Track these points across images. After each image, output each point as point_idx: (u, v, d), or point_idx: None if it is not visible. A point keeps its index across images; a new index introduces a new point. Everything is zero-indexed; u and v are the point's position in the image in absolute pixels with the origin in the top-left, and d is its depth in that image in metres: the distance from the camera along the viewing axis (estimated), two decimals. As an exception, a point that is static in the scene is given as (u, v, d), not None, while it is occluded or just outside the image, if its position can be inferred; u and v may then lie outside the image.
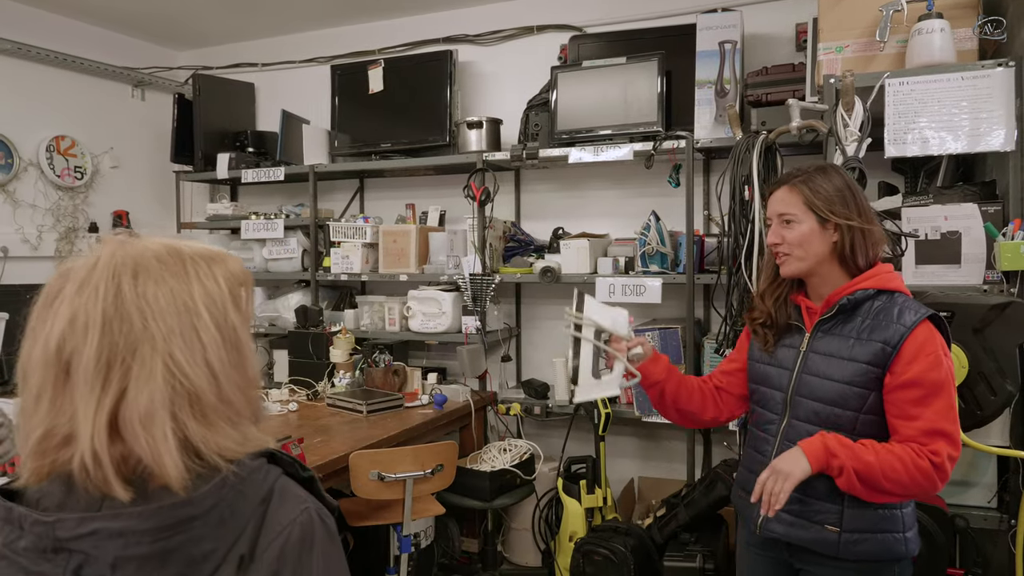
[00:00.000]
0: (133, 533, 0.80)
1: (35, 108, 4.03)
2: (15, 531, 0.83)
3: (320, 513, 0.90)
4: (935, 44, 2.06)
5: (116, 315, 0.82)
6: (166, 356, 0.83)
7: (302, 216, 4.12)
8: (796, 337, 1.73)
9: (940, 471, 1.50)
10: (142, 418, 0.81)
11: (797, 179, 1.68)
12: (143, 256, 0.86)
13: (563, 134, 3.39)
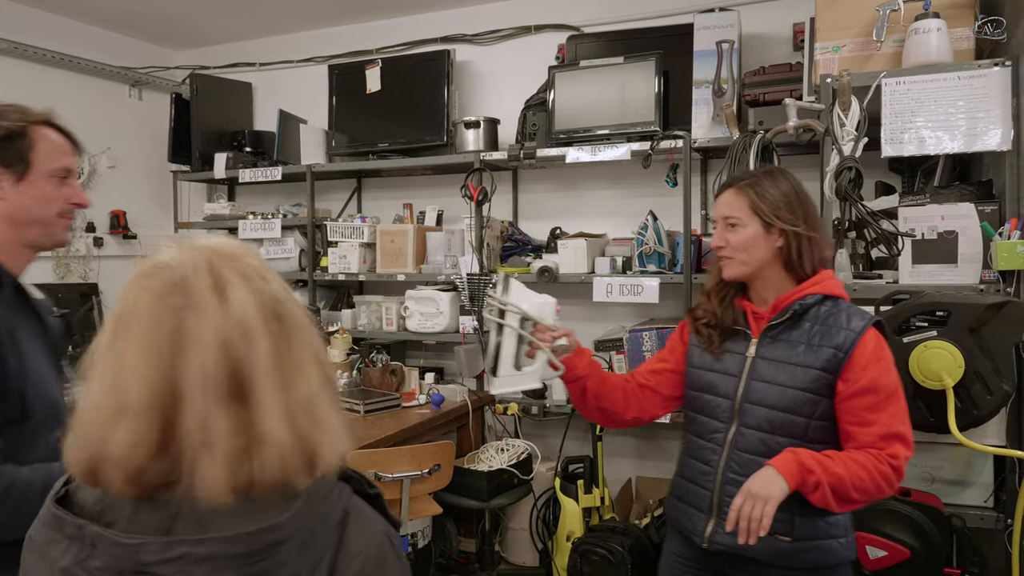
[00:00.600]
0: (220, 558, 0.77)
1: (32, 108, 4.02)
2: (85, 549, 0.79)
3: (390, 534, 0.89)
4: (932, 44, 2.06)
5: (272, 314, 0.83)
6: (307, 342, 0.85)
7: (299, 216, 4.12)
8: (741, 343, 1.70)
9: (899, 473, 1.53)
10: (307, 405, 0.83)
11: (744, 182, 1.67)
12: (245, 254, 0.87)
13: (561, 134, 3.39)
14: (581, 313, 3.75)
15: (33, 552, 0.85)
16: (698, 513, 1.69)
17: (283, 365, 0.82)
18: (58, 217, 1.49)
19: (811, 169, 3.11)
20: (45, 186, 1.44)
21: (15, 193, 1.41)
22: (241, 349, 0.80)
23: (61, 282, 4.10)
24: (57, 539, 0.81)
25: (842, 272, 2.08)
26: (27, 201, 1.43)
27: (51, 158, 1.45)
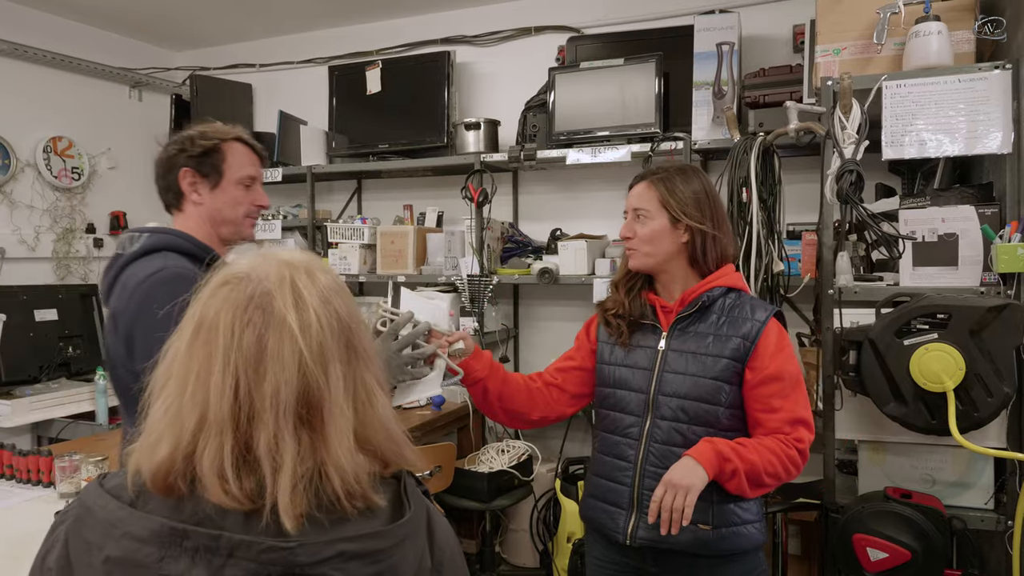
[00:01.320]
0: (370, 553, 0.80)
1: (32, 109, 4.02)
2: (218, 559, 0.78)
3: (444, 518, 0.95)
4: (932, 47, 2.06)
5: (343, 339, 0.85)
6: (369, 361, 0.87)
7: (300, 217, 4.12)
8: (651, 337, 1.73)
9: (804, 456, 1.59)
10: (383, 423, 0.86)
11: (656, 176, 1.71)
12: (324, 271, 0.88)
13: (561, 135, 3.39)
14: (581, 314, 3.75)
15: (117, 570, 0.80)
16: (618, 511, 1.70)
17: (351, 385, 0.84)
18: (245, 217, 1.75)
19: (812, 171, 3.13)
20: (234, 191, 1.71)
21: (211, 198, 1.70)
22: (317, 374, 0.81)
23: (61, 283, 4.10)
24: (174, 555, 0.78)
25: (843, 275, 2.08)
26: (220, 204, 1.70)
27: (239, 169, 1.72)
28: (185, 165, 1.68)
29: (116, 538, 0.81)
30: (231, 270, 0.87)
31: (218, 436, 0.79)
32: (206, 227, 1.70)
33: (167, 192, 1.72)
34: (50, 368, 3.79)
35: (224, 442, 0.79)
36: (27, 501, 2.11)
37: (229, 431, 0.79)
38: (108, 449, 2.57)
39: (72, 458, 2.13)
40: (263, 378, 0.80)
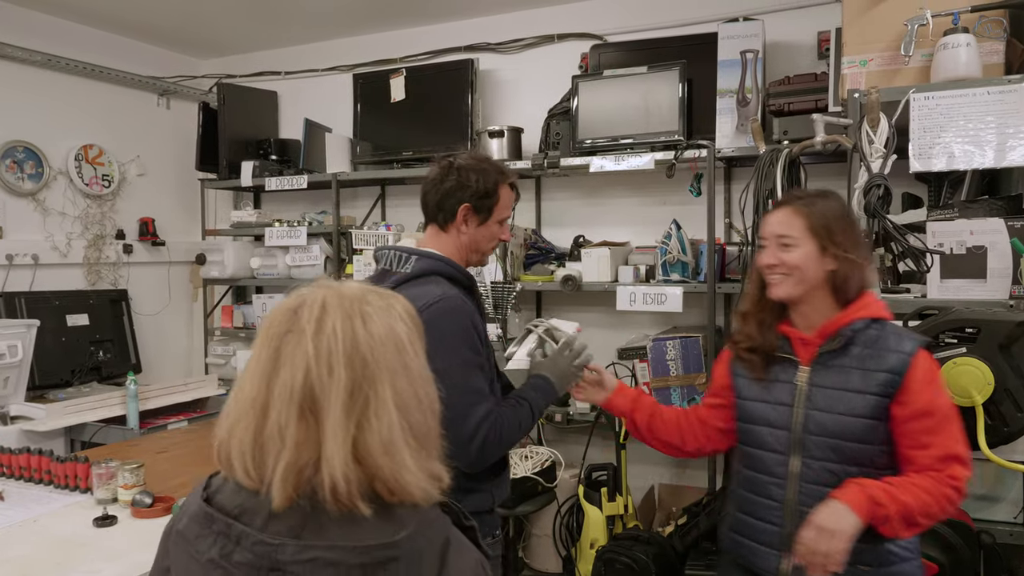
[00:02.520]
0: (344, 565, 0.88)
1: (64, 118, 4.10)
2: (230, 545, 0.92)
3: (484, 564, 0.98)
4: (961, 58, 2.06)
5: (355, 352, 0.92)
6: (393, 388, 0.93)
7: (325, 223, 4.16)
8: (789, 371, 1.67)
9: (960, 494, 1.53)
10: (385, 445, 0.91)
11: (800, 202, 1.65)
12: (363, 299, 0.97)
13: (584, 143, 3.40)
14: (604, 321, 3.77)
15: (180, 544, 0.97)
16: (770, 551, 1.66)
17: (357, 401, 0.91)
18: (490, 250, 1.98)
19: (838, 178, 3.11)
20: (494, 228, 1.93)
21: (475, 231, 1.90)
22: (319, 375, 0.91)
23: (92, 288, 4.18)
24: (205, 534, 0.94)
25: (870, 288, 2.08)
26: (480, 237, 1.92)
27: (503, 211, 1.94)
28: (467, 201, 1.87)
29: (185, 515, 0.99)
30: (300, 291, 1.00)
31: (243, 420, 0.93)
32: (462, 252, 1.91)
33: (439, 212, 1.90)
34: (82, 372, 3.87)
35: (248, 426, 0.93)
36: (66, 507, 2.16)
37: (252, 417, 0.93)
38: (141, 454, 2.63)
39: (108, 465, 2.17)
40: (278, 373, 0.93)
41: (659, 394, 3.22)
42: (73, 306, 3.97)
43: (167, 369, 4.61)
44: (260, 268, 4.29)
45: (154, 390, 3.59)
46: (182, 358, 4.79)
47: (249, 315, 4.45)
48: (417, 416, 0.95)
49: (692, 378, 3.18)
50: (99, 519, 2.02)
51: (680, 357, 3.19)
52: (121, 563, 1.78)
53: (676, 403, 3.20)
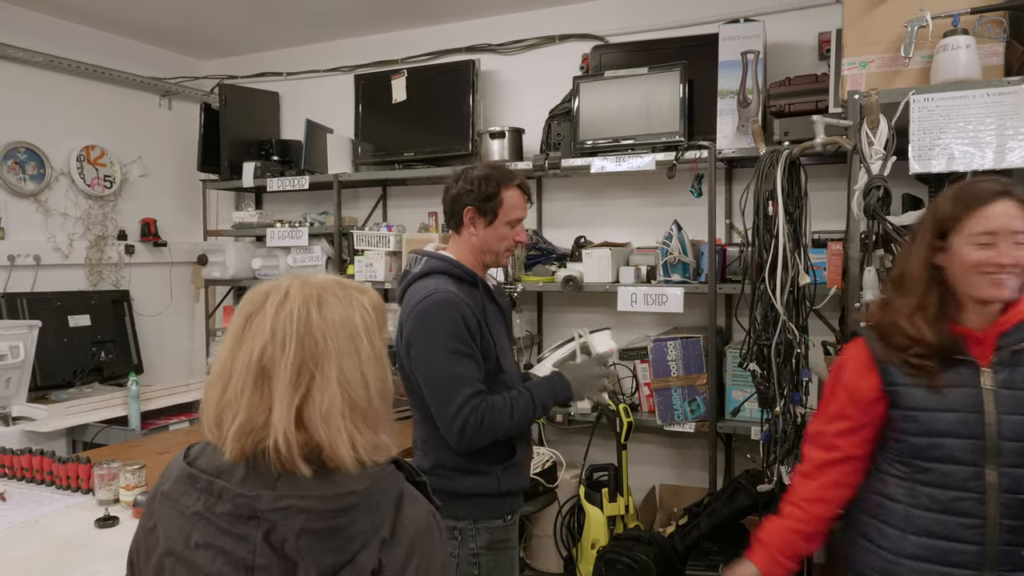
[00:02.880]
0: (315, 512, 1.03)
1: (65, 119, 4.11)
2: (212, 499, 1.06)
3: (435, 513, 1.15)
4: (961, 60, 2.06)
5: (307, 334, 1.07)
6: (339, 368, 1.07)
7: (326, 224, 4.17)
8: (967, 373, 1.53)
9: None
10: (323, 415, 1.05)
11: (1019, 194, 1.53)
12: (323, 288, 1.11)
13: (585, 143, 3.41)
14: (605, 321, 3.74)
15: (165, 503, 1.12)
16: (966, 572, 1.53)
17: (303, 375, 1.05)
18: (505, 251, 2.10)
19: (838, 178, 3.12)
20: (503, 229, 2.06)
21: (484, 232, 2.05)
22: (273, 351, 1.06)
23: (94, 289, 4.20)
24: (189, 491, 1.09)
25: (869, 290, 2.08)
26: (489, 238, 2.06)
27: (509, 212, 2.05)
28: (470, 204, 2.04)
29: (168, 480, 1.15)
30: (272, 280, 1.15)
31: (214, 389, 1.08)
32: (475, 253, 2.07)
33: (451, 217, 2.09)
34: (83, 373, 3.88)
35: (215, 391, 1.08)
36: (67, 507, 2.17)
37: (219, 383, 1.08)
38: (143, 455, 2.64)
39: (110, 466, 2.18)
40: (241, 346, 1.07)
41: (660, 395, 3.23)
42: (75, 307, 3.98)
43: (169, 370, 4.62)
44: (262, 269, 4.30)
45: (156, 391, 3.60)
46: (184, 359, 4.80)
47: (251, 316, 4.45)
48: (360, 393, 1.08)
49: (693, 379, 3.18)
50: (101, 520, 2.03)
51: (681, 358, 3.19)
52: (122, 564, 1.78)
53: (677, 404, 3.20)
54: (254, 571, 1.03)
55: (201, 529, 1.06)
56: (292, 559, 1.03)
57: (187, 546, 1.06)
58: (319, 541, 1.03)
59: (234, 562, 1.04)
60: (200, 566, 1.05)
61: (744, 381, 3.04)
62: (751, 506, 2.77)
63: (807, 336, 2.30)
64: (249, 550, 1.03)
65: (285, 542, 1.03)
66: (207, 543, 1.05)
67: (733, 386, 3.18)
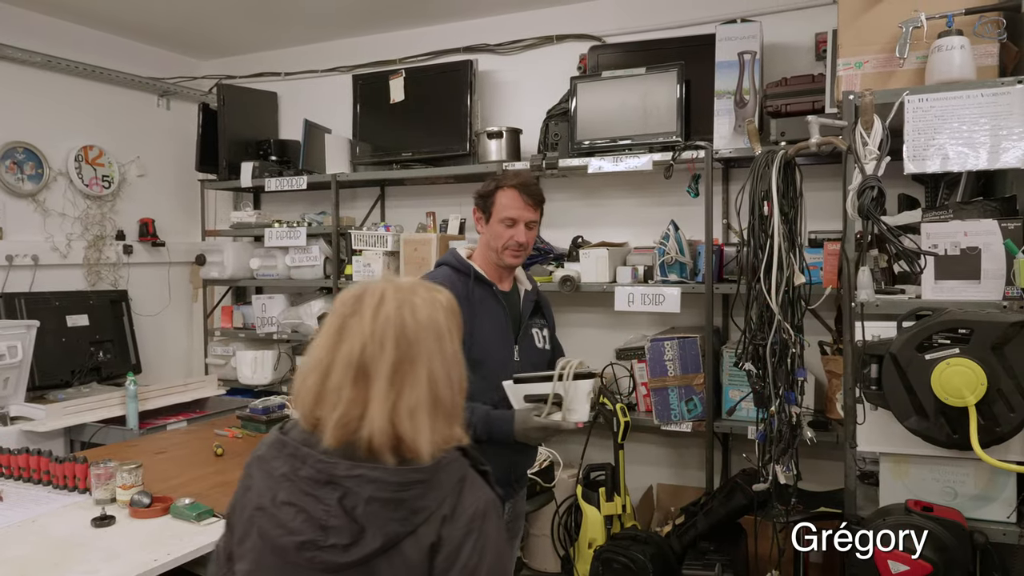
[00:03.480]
0: (383, 482, 1.14)
1: (64, 119, 4.12)
2: (297, 463, 1.18)
3: (494, 500, 1.24)
4: (955, 61, 2.06)
5: (403, 335, 1.17)
6: (428, 367, 1.18)
7: (324, 224, 4.18)
8: None
9: None
10: (411, 411, 1.16)
11: None
12: (413, 291, 1.23)
13: (583, 143, 3.41)
14: (602, 321, 3.78)
15: (259, 465, 1.25)
16: None
17: (399, 374, 1.16)
18: (504, 249, 2.20)
19: (833, 178, 3.12)
20: (497, 228, 2.19)
21: (486, 230, 2.23)
22: (373, 351, 1.16)
23: (92, 289, 4.20)
24: (278, 456, 1.21)
25: (864, 290, 2.08)
26: (490, 236, 2.22)
27: (501, 211, 2.19)
28: (476, 203, 2.26)
29: (264, 444, 1.28)
30: (364, 281, 1.27)
31: (312, 380, 1.19)
32: (485, 250, 2.24)
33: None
34: (81, 373, 3.89)
35: (313, 384, 1.19)
36: (64, 507, 2.17)
37: (318, 375, 1.18)
38: (140, 455, 2.64)
39: (107, 465, 2.19)
40: (341, 345, 1.18)
41: (657, 394, 3.24)
42: (73, 307, 3.99)
43: (167, 370, 4.63)
44: (260, 269, 4.31)
45: (154, 391, 3.61)
46: (182, 358, 4.81)
47: (249, 315, 4.46)
48: (444, 392, 1.20)
49: (690, 378, 3.19)
50: (97, 519, 2.03)
51: (678, 357, 3.20)
52: (119, 563, 1.80)
53: (674, 404, 3.21)
54: (328, 530, 1.14)
55: (286, 489, 1.18)
56: (361, 524, 1.14)
57: (273, 503, 1.19)
58: (385, 509, 1.14)
59: (312, 520, 1.15)
60: (283, 521, 1.17)
61: (741, 381, 3.04)
62: (748, 506, 2.78)
63: (802, 336, 2.30)
64: (325, 511, 1.14)
65: (356, 507, 1.14)
66: (290, 502, 1.17)
67: (730, 386, 3.19)
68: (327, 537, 1.14)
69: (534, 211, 2.24)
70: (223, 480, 2.39)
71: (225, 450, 2.72)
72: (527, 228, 2.23)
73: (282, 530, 1.17)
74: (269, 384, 4.16)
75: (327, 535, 1.14)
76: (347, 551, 1.14)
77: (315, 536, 1.15)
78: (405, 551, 1.15)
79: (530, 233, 2.26)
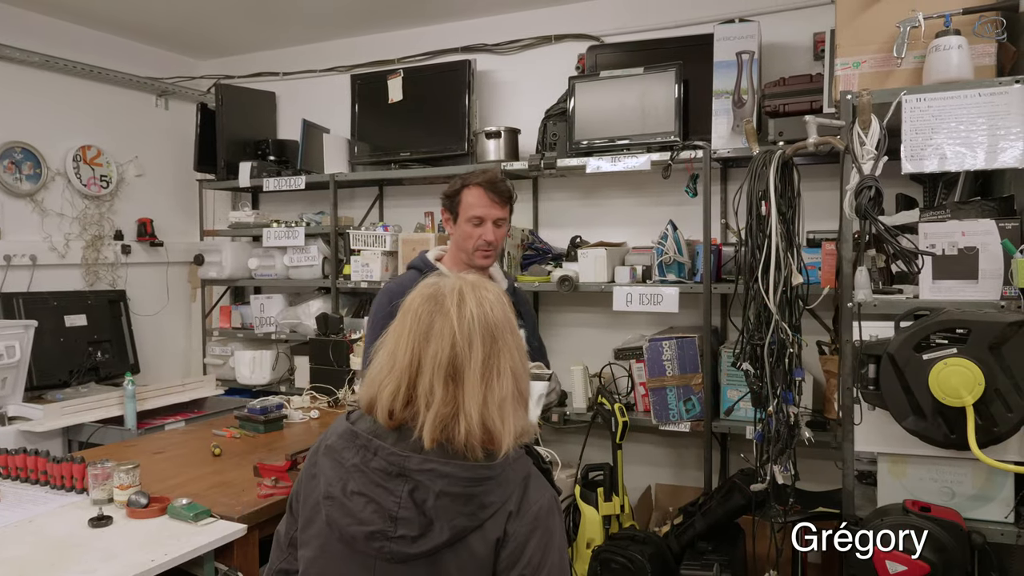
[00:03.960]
0: (454, 477, 1.17)
1: (62, 119, 4.11)
2: (369, 455, 1.22)
3: (555, 497, 1.29)
4: (952, 61, 2.06)
5: (487, 332, 1.22)
6: (511, 360, 1.23)
7: (322, 224, 4.18)
8: None
9: None
10: (499, 403, 1.21)
11: None
12: (485, 288, 1.27)
13: (581, 143, 3.41)
14: (600, 321, 3.78)
15: (329, 455, 1.28)
16: None
17: (488, 369, 1.21)
18: (475, 250, 2.19)
19: (831, 178, 3.13)
20: (465, 227, 2.19)
21: (454, 230, 2.22)
22: (463, 348, 1.21)
23: (90, 289, 4.20)
24: (349, 447, 1.25)
25: (862, 290, 2.08)
26: (458, 237, 2.21)
27: (468, 210, 2.17)
28: (443, 204, 2.23)
29: (333, 434, 1.31)
30: (432, 280, 1.30)
31: (396, 381, 1.23)
32: (454, 250, 2.23)
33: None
34: (79, 373, 3.89)
35: (400, 385, 1.22)
36: (61, 507, 2.16)
37: (405, 378, 1.22)
38: (138, 455, 2.64)
39: (104, 465, 2.18)
40: (428, 345, 1.21)
41: (655, 394, 3.23)
42: (71, 306, 3.98)
43: (165, 369, 4.63)
44: (258, 268, 4.31)
45: (152, 390, 3.60)
46: (180, 358, 4.80)
47: (247, 315, 4.46)
48: (523, 382, 1.26)
49: (688, 378, 3.19)
50: (94, 520, 2.03)
51: (676, 357, 3.20)
52: (116, 564, 1.79)
53: (672, 404, 3.21)
54: (397, 521, 1.17)
55: (357, 479, 1.21)
56: (430, 516, 1.16)
57: (344, 493, 1.22)
58: (454, 504, 1.17)
59: (382, 511, 1.18)
60: (353, 511, 1.20)
61: (739, 381, 3.05)
62: (746, 506, 2.78)
63: (800, 336, 2.30)
64: (395, 502, 1.18)
65: (426, 500, 1.17)
66: (361, 492, 1.20)
67: (728, 386, 3.19)
68: (396, 528, 1.17)
69: (502, 208, 2.21)
70: (221, 480, 2.39)
71: (223, 450, 2.72)
72: (495, 226, 2.21)
73: (351, 519, 1.20)
74: (267, 384, 4.16)
75: (396, 526, 1.17)
76: (415, 542, 1.17)
77: (384, 527, 1.18)
78: (472, 544, 1.18)
79: (499, 231, 2.22)
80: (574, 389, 3.55)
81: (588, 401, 3.47)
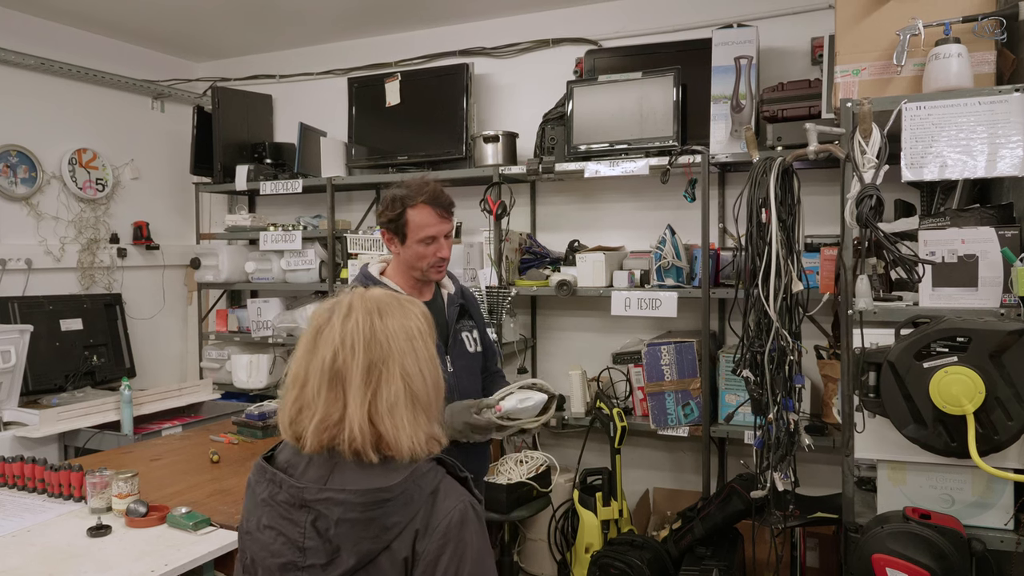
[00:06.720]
0: (349, 504, 1.18)
1: (58, 122, 4.09)
2: (276, 488, 1.25)
3: (472, 503, 1.25)
4: (952, 69, 2.07)
5: (372, 339, 1.24)
6: (401, 365, 1.24)
7: (320, 228, 4.16)
8: None
9: None
10: (389, 407, 1.21)
11: None
12: (380, 300, 1.29)
13: (579, 147, 3.41)
14: (598, 326, 3.78)
15: (248, 490, 1.33)
16: None
17: (373, 374, 1.22)
18: (429, 268, 2.17)
19: (830, 183, 3.14)
20: (417, 247, 2.13)
21: (403, 250, 2.16)
22: (344, 356, 1.22)
23: (86, 293, 4.18)
24: (262, 481, 1.28)
25: (862, 298, 2.09)
26: (407, 257, 2.16)
27: (417, 231, 2.12)
28: (382, 226, 2.18)
29: (253, 471, 1.33)
30: (329, 299, 1.32)
31: (291, 393, 1.25)
32: (403, 268, 2.20)
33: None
34: (75, 377, 3.87)
35: (293, 396, 1.25)
36: (59, 516, 2.16)
37: (296, 389, 1.24)
38: (135, 462, 2.63)
39: (102, 474, 2.17)
40: (315, 356, 1.24)
41: (654, 399, 3.23)
42: (67, 311, 3.96)
43: (161, 374, 4.61)
44: (255, 272, 4.29)
45: (148, 395, 3.58)
46: (176, 362, 4.79)
47: (243, 319, 4.45)
48: (420, 386, 1.25)
49: (687, 383, 3.19)
50: (93, 529, 2.02)
51: (675, 362, 3.20)
52: (115, 574, 1.78)
53: (670, 408, 3.21)
54: (306, 551, 1.21)
55: (267, 513, 1.25)
56: (335, 543, 1.19)
57: (258, 527, 1.27)
58: (355, 529, 1.18)
59: (289, 542, 1.22)
60: (266, 544, 1.25)
61: (737, 385, 3.05)
62: (745, 511, 2.78)
63: (800, 343, 2.30)
64: (300, 533, 1.21)
65: (328, 528, 1.19)
66: (270, 525, 1.25)
67: (726, 390, 3.19)
68: (305, 558, 1.21)
69: (449, 221, 2.19)
70: (219, 488, 2.38)
71: (221, 457, 2.71)
72: (446, 239, 2.19)
73: (266, 552, 1.24)
74: (264, 388, 4.14)
75: (305, 556, 1.21)
76: (325, 570, 1.20)
77: (295, 557, 1.21)
78: (382, 566, 1.19)
79: (450, 242, 2.21)
80: (572, 393, 3.55)
81: (587, 406, 3.46)
